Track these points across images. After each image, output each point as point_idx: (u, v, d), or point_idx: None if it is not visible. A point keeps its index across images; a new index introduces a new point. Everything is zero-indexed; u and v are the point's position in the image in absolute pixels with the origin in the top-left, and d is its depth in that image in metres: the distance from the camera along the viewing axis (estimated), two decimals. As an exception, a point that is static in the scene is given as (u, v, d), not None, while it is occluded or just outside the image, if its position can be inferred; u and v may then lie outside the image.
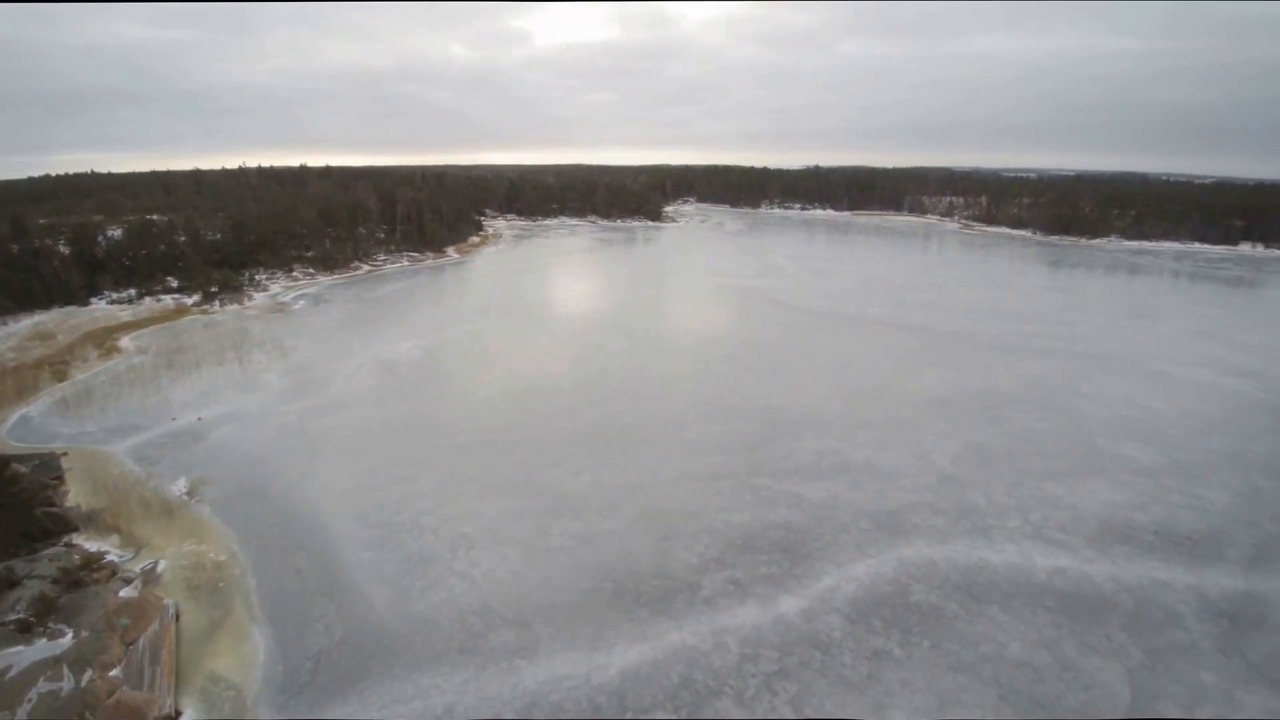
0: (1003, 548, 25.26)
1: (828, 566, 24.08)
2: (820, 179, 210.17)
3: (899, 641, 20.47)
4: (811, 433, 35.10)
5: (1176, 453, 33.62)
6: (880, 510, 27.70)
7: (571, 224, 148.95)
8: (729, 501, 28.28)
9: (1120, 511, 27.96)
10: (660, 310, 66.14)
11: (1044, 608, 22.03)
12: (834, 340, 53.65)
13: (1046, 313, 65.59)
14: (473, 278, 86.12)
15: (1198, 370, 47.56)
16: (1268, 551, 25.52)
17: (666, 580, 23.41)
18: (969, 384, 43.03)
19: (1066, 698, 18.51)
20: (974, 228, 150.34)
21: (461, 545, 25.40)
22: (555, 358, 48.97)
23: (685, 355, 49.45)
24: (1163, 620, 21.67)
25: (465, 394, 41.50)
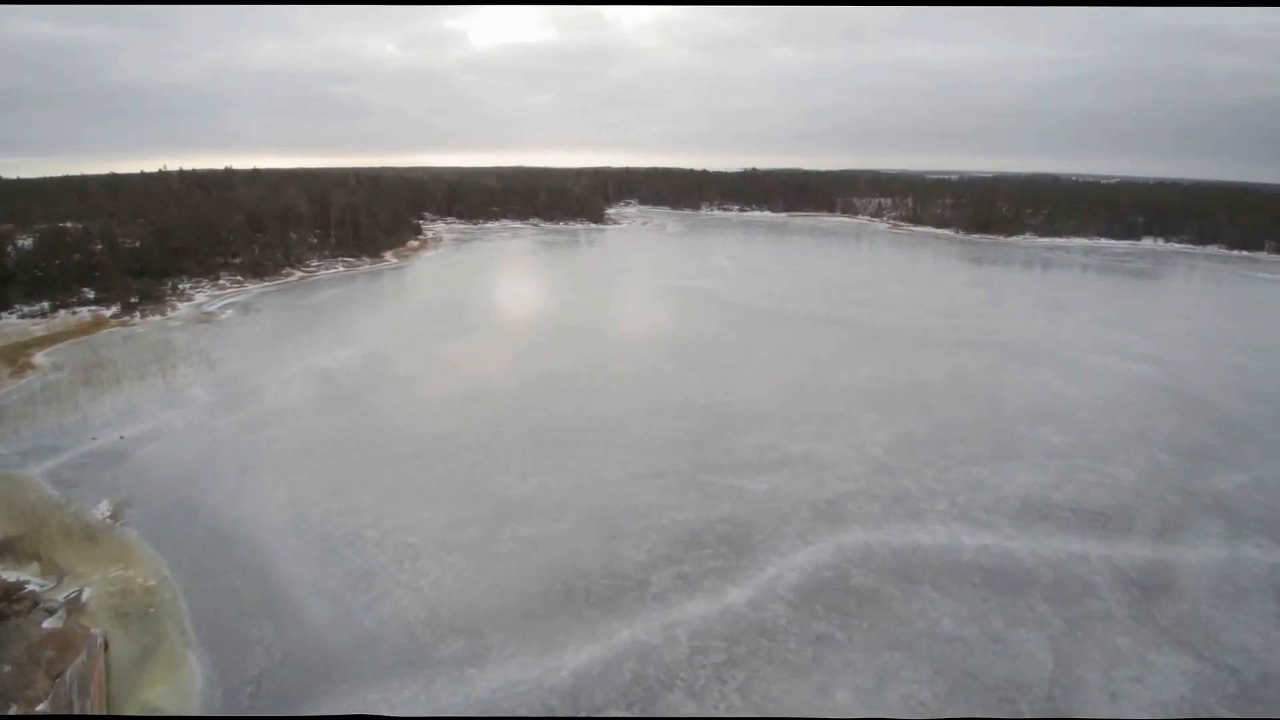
0: (933, 529, 26.55)
1: (771, 557, 24.73)
2: (757, 181, 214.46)
3: (840, 624, 21.25)
4: (753, 428, 35.93)
5: (1088, 434, 35.99)
6: (819, 500, 28.64)
7: (514, 227, 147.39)
8: (675, 498, 28.67)
9: (1039, 491, 29.79)
10: (604, 312, 66.32)
11: (972, 584, 23.27)
12: (773, 337, 54.98)
13: (969, 307, 69.00)
14: (412, 282, 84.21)
15: (1105, 357, 50.96)
16: (1172, 523, 27.62)
17: (616, 579, 23.57)
18: (899, 377, 44.90)
19: (995, 668, 19.61)
20: (902, 227, 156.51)
21: (407, 556, 24.89)
22: (499, 362, 48.47)
23: (630, 356, 49.77)
24: (1080, 591, 23.19)
25: (407, 402, 40.62)
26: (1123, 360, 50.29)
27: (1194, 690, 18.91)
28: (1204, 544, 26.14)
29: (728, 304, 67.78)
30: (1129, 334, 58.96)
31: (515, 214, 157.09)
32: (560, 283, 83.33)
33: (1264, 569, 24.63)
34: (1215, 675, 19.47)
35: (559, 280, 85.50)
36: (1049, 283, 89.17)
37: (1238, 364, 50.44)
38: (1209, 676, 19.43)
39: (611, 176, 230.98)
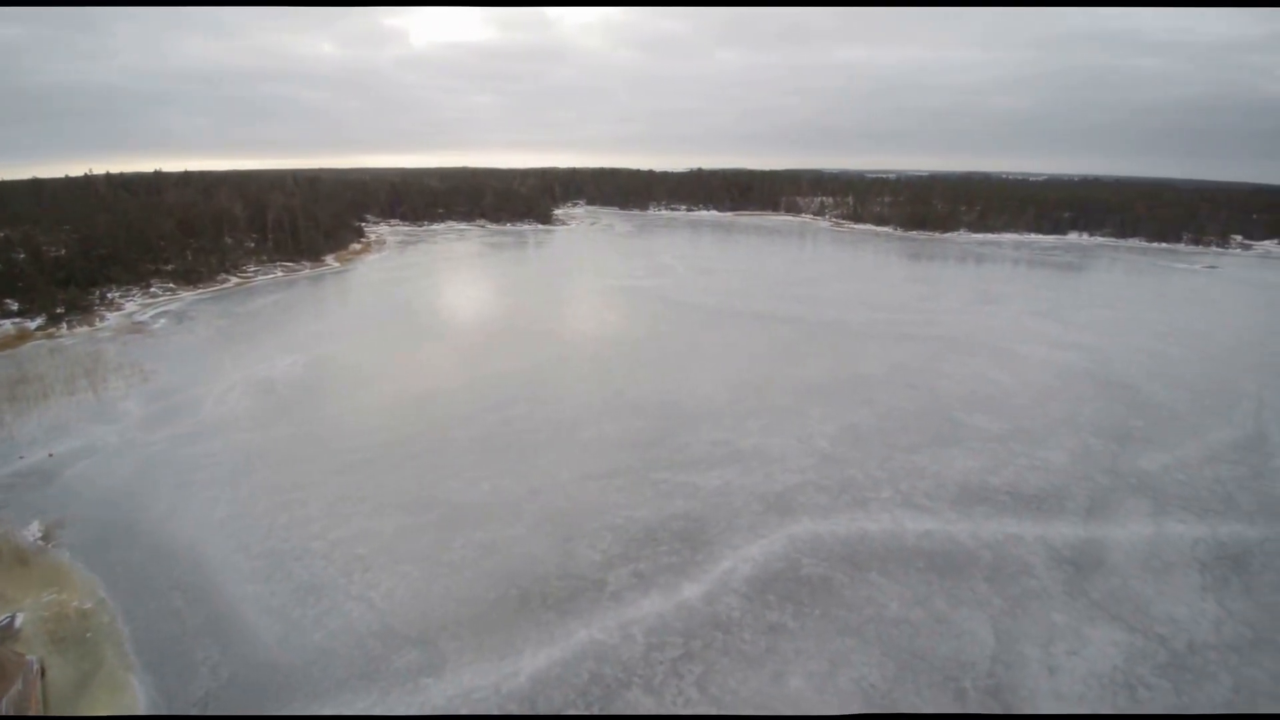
0: (878, 517, 27.38)
1: (725, 550, 25.06)
2: (703, 181, 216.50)
3: (792, 613, 21.70)
4: (704, 424, 36.32)
5: (1021, 420, 37.70)
6: (770, 493, 29.16)
7: (460, 228, 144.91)
8: (629, 497, 28.74)
9: (976, 476, 31.06)
10: (554, 313, 65.92)
11: (916, 568, 24.10)
12: (722, 335, 55.68)
13: (908, 302, 71.36)
14: (356, 287, 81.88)
15: (1035, 347, 53.45)
16: (1100, 502, 29.17)
17: (572, 580, 23.49)
18: (843, 370, 46.11)
19: (940, 647, 20.35)
20: (843, 225, 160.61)
21: (356, 568, 24.22)
22: (448, 366, 47.63)
23: (580, 356, 49.63)
24: (1018, 570, 24.27)
25: (352, 409, 39.50)
26: (1052, 349, 52.84)
27: (1126, 661, 20.00)
28: (1131, 521, 27.71)
29: (677, 303, 68.29)
30: (1057, 324, 62.00)
31: (461, 215, 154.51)
32: (509, 284, 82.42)
33: (1187, 543, 26.26)
34: (1146, 645, 20.65)
35: (508, 282, 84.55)
36: (982, 277, 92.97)
37: (1158, 350, 53.58)
38: (1140, 647, 20.59)
39: (559, 177, 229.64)
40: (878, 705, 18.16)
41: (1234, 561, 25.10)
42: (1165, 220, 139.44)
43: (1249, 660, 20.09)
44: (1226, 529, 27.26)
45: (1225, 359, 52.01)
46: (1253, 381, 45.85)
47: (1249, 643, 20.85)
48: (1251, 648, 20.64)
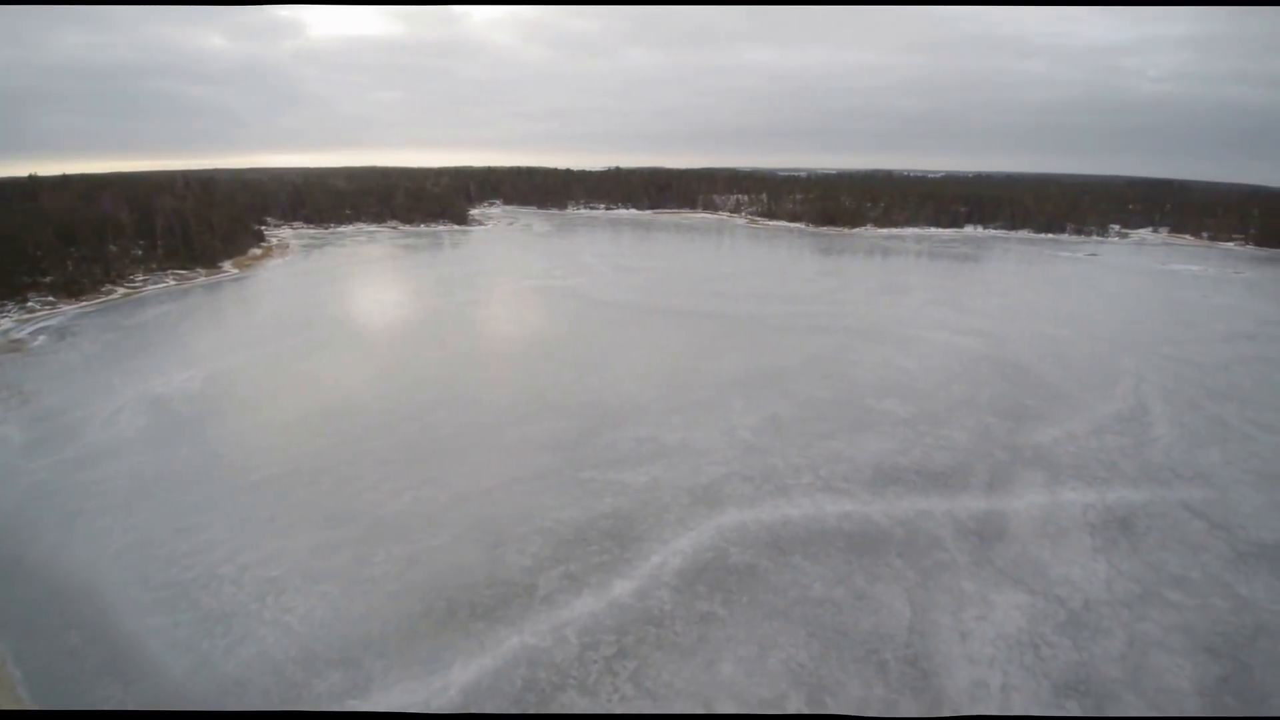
0: (799, 502, 28.44)
1: (655, 545, 25.33)
2: (621, 180, 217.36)
3: (722, 602, 22.20)
4: (630, 421, 36.54)
5: (926, 403, 40.03)
6: (696, 486, 29.70)
7: (369, 230, 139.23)
8: (557, 499, 28.55)
9: (888, 458, 32.76)
10: (473, 315, 64.51)
11: (836, 549, 25.20)
12: (644, 332, 56.16)
13: (820, 295, 74.37)
14: (257, 294, 77.25)
15: (937, 333, 56.85)
16: (1000, 476, 31.37)
17: (502, 587, 23.11)
18: (762, 363, 47.52)
19: (861, 623, 21.35)
20: (759, 222, 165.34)
21: (269, 591, 22.90)
22: (361, 374, 45.73)
23: (501, 358, 48.85)
24: (928, 544, 25.77)
25: (258, 425, 37.28)
26: (952, 335, 56.36)
27: (1030, 622, 21.60)
28: (1028, 492, 29.96)
29: (598, 301, 68.32)
30: (956, 312, 66.18)
31: (371, 216, 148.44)
32: (425, 287, 79.90)
33: (1079, 509, 28.63)
34: (1046, 606, 22.37)
35: (423, 284, 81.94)
36: (888, 269, 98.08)
37: (1047, 333, 58.15)
38: (1041, 608, 22.28)
39: (474, 176, 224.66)
40: (805, 683, 18.87)
41: (1121, 524, 27.57)
42: (1051, 212, 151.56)
43: (1139, 615, 22.12)
44: (1113, 494, 29.92)
45: (1107, 339, 57.05)
46: (1131, 359, 50.51)
47: (1138, 598, 22.96)
48: (1140, 602, 22.74)
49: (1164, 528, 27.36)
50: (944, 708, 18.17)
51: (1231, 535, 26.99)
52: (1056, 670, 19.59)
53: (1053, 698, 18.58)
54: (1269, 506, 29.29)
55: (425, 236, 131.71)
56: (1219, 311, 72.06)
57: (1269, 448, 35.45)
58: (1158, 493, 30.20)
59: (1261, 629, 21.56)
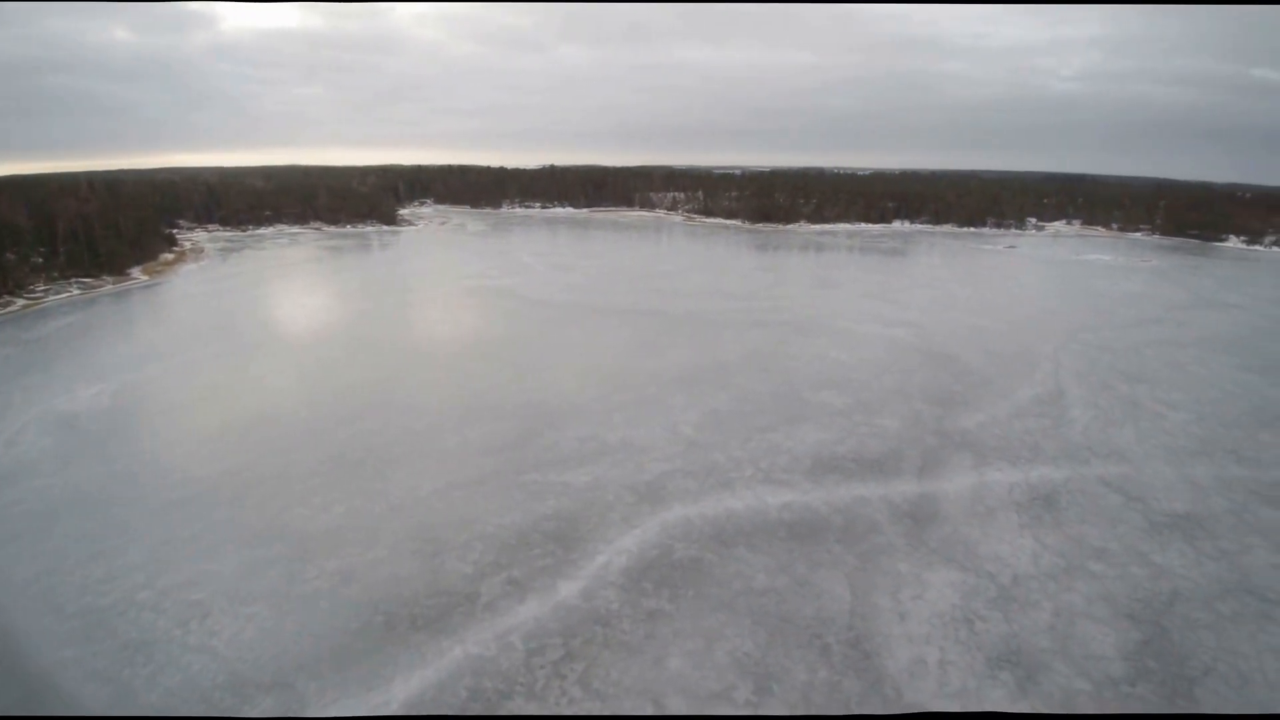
0: (742, 495, 28.96)
1: (600, 545, 25.28)
2: (557, 178, 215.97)
3: (668, 597, 22.37)
4: (571, 421, 36.36)
5: (860, 393, 41.44)
6: (640, 483, 29.83)
7: (292, 232, 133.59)
8: (498, 503, 28.12)
9: (826, 447, 33.76)
10: (405, 317, 62.81)
11: (779, 538, 25.79)
12: (583, 331, 55.99)
13: (757, 290, 75.96)
14: (170, 302, 72.94)
15: (870, 326, 58.95)
16: (931, 460, 32.78)
17: (443, 597, 22.59)
18: (702, 359, 48.16)
19: (804, 610, 21.90)
20: (695, 220, 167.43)
21: (194, 615, 21.66)
22: (286, 383, 43.85)
23: (436, 361, 47.76)
24: (866, 529, 26.68)
25: (175, 440, 35.21)
26: (884, 327, 58.57)
27: (963, 598, 22.65)
28: (957, 475, 31.42)
29: (536, 301, 67.68)
30: (886, 304, 68.80)
31: (293, 218, 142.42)
32: (352, 290, 77.29)
33: (1004, 489, 30.21)
34: (978, 583, 23.50)
35: (351, 287, 79.24)
36: (822, 264, 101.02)
37: (971, 323, 61.17)
38: (972, 584, 23.40)
39: (402, 174, 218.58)
40: (751, 672, 19.23)
41: (1044, 501, 29.24)
42: (972, 207, 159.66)
43: (1065, 586, 23.49)
44: (1036, 473, 31.70)
45: (1026, 326, 60.50)
46: (1049, 345, 53.70)
47: (1063, 570, 24.39)
48: (1065, 574, 24.15)
49: (1084, 503, 29.21)
50: (885, 686, 18.86)
51: (1146, 507, 29.03)
52: (989, 643, 20.62)
53: (986, 670, 19.55)
54: (1179, 479, 31.65)
55: (352, 238, 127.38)
56: (1129, 298, 77.51)
57: (1177, 425, 38.32)
58: (1077, 470, 32.20)
59: (1177, 594, 23.26)
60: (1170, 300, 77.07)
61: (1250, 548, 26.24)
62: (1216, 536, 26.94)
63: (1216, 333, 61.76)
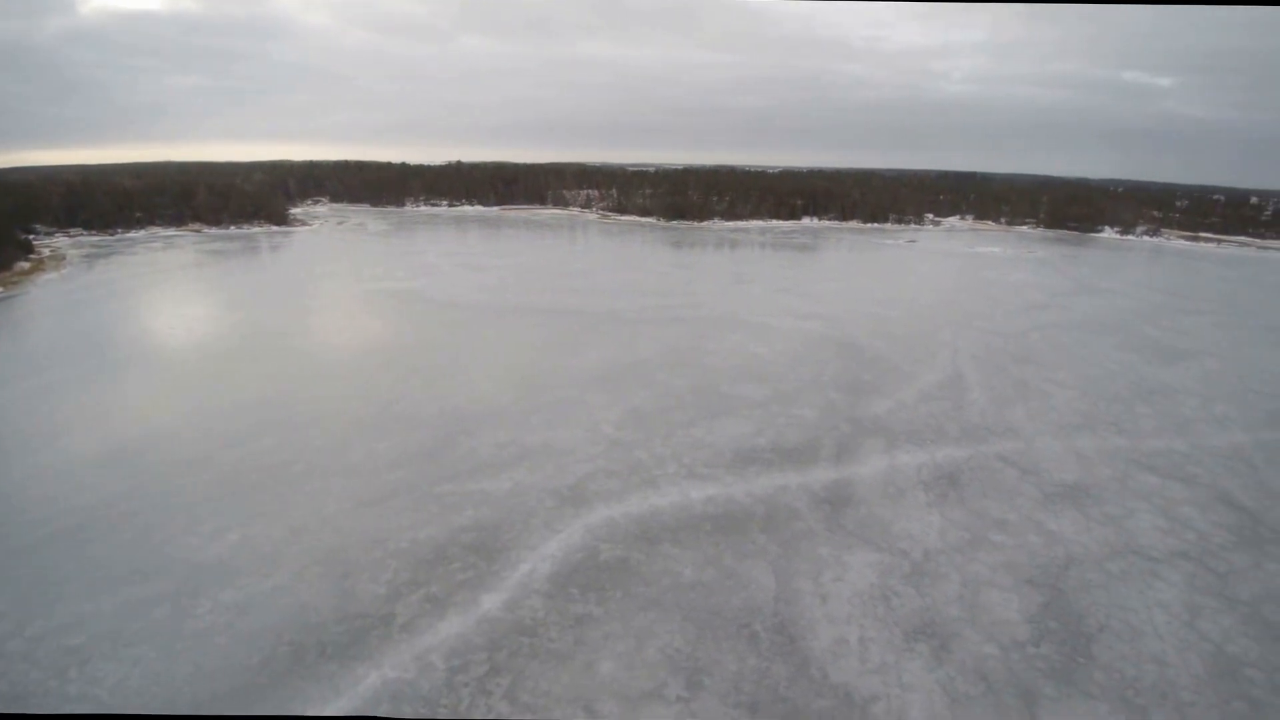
0: (666, 491, 29.30)
1: (523, 553, 24.90)
2: (464, 175, 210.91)
3: (596, 601, 22.31)
4: (487, 427, 35.62)
5: (777, 385, 42.83)
6: (562, 487, 29.60)
7: (168, 235, 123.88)
8: (412, 518, 27.16)
9: (746, 440, 34.68)
10: (302, 326, 59.57)
11: (704, 532, 26.27)
12: (498, 333, 54.98)
13: (674, 287, 77.07)
14: (25, 317, 65.90)
15: (784, 319, 61.01)
16: (845, 447, 34.30)
17: (355, 621, 21.58)
18: (621, 357, 48.37)
19: (732, 600, 22.40)
20: (610, 217, 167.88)
21: (72, 663, 19.70)
22: (167, 402, 40.58)
23: (339, 371, 45.54)
24: (788, 517, 27.60)
25: (37, 471, 31.86)
26: (797, 320, 60.80)
27: (880, 576, 23.86)
28: (870, 458, 33.04)
29: (446, 303, 65.86)
30: (798, 298, 71.46)
31: (169, 219, 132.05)
32: (240, 297, 72.51)
33: (913, 469, 32.07)
34: (892, 561, 24.81)
35: (238, 294, 74.32)
36: (735, 260, 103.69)
37: (878, 314, 64.46)
38: (888, 563, 24.68)
39: (293, 171, 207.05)
40: (682, 668, 19.48)
41: (949, 479, 31.20)
42: (875, 204, 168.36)
43: (970, 558, 25.17)
44: (941, 453, 33.79)
45: (927, 316, 64.34)
46: (948, 333, 57.40)
47: (968, 543, 26.12)
48: (970, 547, 25.88)
49: (984, 479, 31.39)
50: (810, 668, 19.57)
51: (1039, 479, 31.55)
52: (905, 617, 21.81)
53: (904, 643, 20.66)
54: (1067, 452, 34.56)
55: (238, 240, 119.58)
56: (1017, 287, 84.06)
57: (1063, 402, 41.81)
58: (977, 448, 34.57)
59: (1071, 559, 25.39)
60: (1054, 288, 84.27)
61: (1133, 511, 29.01)
62: (1103, 503, 29.63)
63: (1095, 316, 67.98)
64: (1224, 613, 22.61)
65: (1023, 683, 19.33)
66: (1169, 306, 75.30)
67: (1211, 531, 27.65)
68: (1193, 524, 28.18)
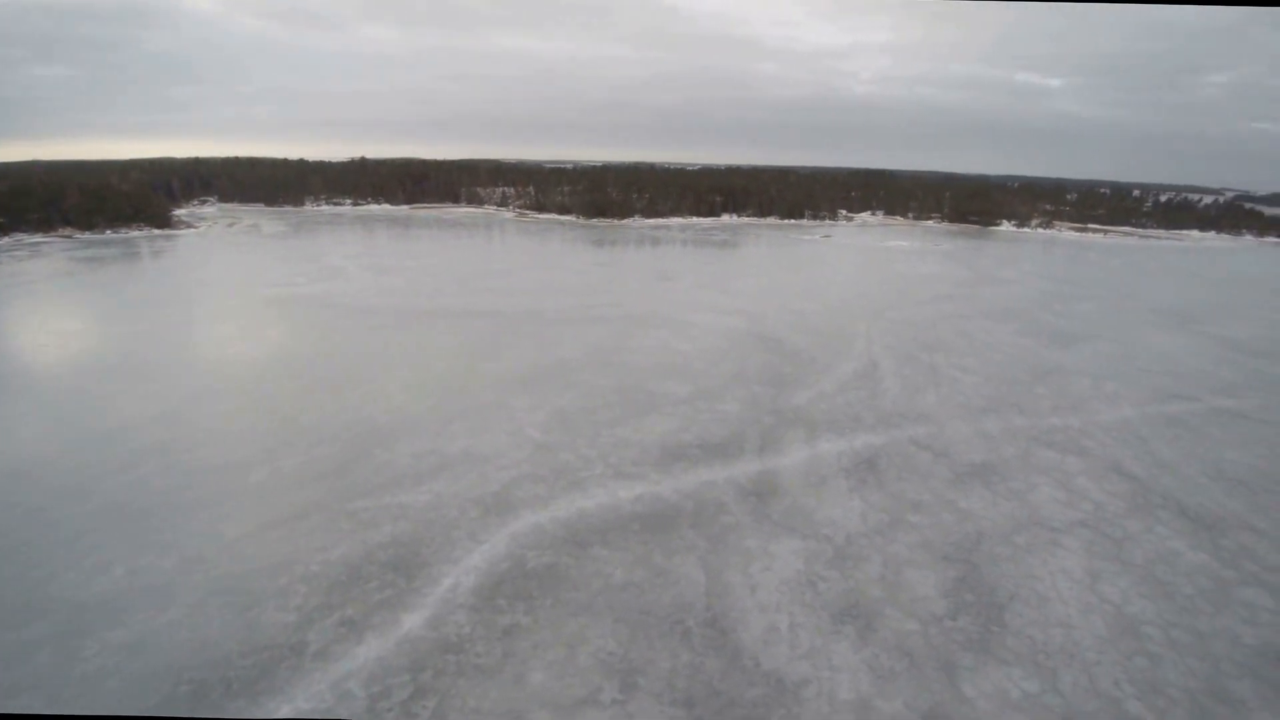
0: (594, 493, 29.25)
1: (446, 567, 24.27)
2: (370, 172, 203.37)
3: (524, 610, 22.01)
4: (404, 437, 34.50)
5: (701, 381, 43.56)
6: (486, 495, 29.03)
7: (33, 243, 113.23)
8: (323, 538, 25.96)
9: (672, 436, 35.10)
10: (192, 338, 55.75)
11: (633, 532, 26.40)
12: (411, 338, 53.31)
13: (596, 285, 77.03)
14: None
15: (706, 315, 62.07)
16: (769, 438, 35.25)
17: (263, 653, 20.44)
18: (544, 358, 47.93)
19: (663, 599, 22.61)
20: (528, 216, 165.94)
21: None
22: (39, 428, 37.10)
23: (236, 385, 42.91)
24: (715, 511, 28.11)
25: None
26: (719, 316, 62.01)
27: (805, 563, 24.69)
28: (793, 449, 34.09)
29: (353, 309, 63.27)
30: (721, 294, 72.91)
31: (34, 224, 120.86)
32: (119, 308, 67.09)
33: (834, 457, 33.33)
34: (817, 547, 25.72)
35: (117, 305, 68.74)
36: (657, 257, 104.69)
37: (796, 307, 66.59)
38: (813, 549, 25.57)
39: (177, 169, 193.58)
40: (616, 670, 19.51)
41: (868, 465, 32.61)
42: (791, 200, 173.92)
43: (890, 539, 26.43)
44: (859, 440, 35.27)
45: (843, 309, 67.03)
46: (863, 324, 60.03)
47: (887, 525, 27.39)
48: (889, 529, 27.16)
49: (900, 463, 33.01)
50: (743, 658, 20.03)
51: (950, 461, 33.44)
52: (831, 601, 22.68)
53: (831, 626, 21.46)
54: (974, 434, 36.78)
55: (115, 245, 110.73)
56: (925, 278, 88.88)
57: (969, 387, 44.46)
58: (892, 434, 36.31)
59: (981, 534, 27.06)
60: (958, 279, 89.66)
61: (1035, 486, 31.22)
62: (1008, 479, 31.74)
63: (996, 305, 72.75)
64: (1121, 575, 24.67)
65: (942, 655, 20.45)
66: (1062, 294, 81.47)
67: (1106, 501, 30.12)
68: (1089, 495, 30.61)
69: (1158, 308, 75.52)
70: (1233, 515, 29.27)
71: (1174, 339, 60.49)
